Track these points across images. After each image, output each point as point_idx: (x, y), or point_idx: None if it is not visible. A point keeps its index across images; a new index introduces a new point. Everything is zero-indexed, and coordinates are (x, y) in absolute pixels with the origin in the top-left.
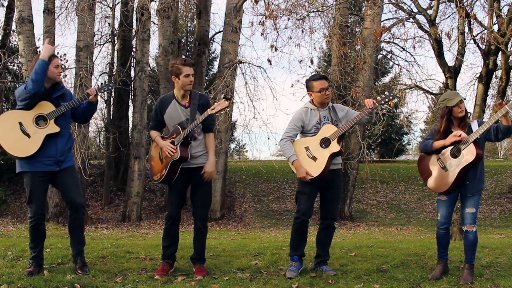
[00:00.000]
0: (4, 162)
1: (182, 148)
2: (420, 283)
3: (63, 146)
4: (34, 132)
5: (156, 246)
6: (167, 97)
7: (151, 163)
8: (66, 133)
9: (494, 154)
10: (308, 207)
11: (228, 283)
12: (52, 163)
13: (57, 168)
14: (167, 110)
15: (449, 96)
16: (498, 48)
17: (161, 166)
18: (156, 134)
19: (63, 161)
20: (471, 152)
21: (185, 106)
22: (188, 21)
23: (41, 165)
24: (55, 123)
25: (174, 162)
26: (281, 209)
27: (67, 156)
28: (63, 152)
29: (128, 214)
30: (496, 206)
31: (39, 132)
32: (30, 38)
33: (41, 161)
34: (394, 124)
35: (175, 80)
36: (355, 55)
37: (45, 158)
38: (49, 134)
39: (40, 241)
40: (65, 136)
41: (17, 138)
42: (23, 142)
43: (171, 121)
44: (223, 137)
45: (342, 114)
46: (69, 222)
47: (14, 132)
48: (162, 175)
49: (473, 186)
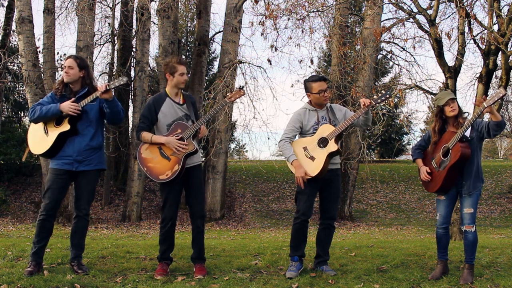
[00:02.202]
0: (4, 162)
1: (194, 140)
2: (420, 283)
3: (82, 146)
4: (51, 131)
5: (156, 246)
6: (160, 95)
7: (147, 166)
8: (87, 133)
9: (494, 154)
10: (308, 207)
11: (228, 283)
12: (69, 162)
13: (73, 168)
14: (162, 108)
15: (440, 96)
16: (498, 48)
17: (170, 164)
18: (150, 135)
19: (81, 161)
20: (457, 151)
21: (179, 103)
22: (188, 21)
23: (60, 162)
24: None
25: (187, 155)
26: (281, 209)
27: (88, 157)
28: (82, 152)
29: (128, 214)
30: (496, 206)
31: (54, 130)
32: (30, 38)
33: (60, 159)
34: (394, 124)
35: (169, 78)
36: (355, 55)
37: (64, 157)
38: (63, 133)
39: (45, 237)
40: (86, 136)
41: (38, 137)
42: (40, 141)
43: (166, 118)
44: (223, 137)
45: (340, 114)
46: (72, 226)
47: (39, 132)
48: (175, 171)
49: (469, 185)
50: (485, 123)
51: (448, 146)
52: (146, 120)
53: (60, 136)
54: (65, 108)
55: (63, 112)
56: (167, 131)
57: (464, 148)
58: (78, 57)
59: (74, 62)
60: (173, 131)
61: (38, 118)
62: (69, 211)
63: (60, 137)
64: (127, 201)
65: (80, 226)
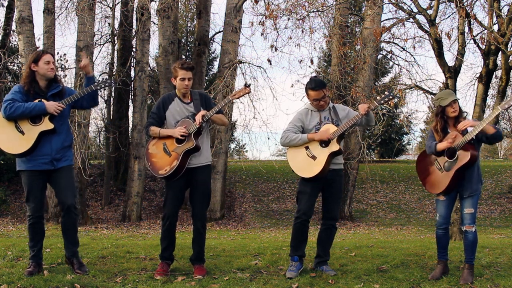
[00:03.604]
0: (4, 162)
1: (195, 138)
2: (420, 283)
3: (59, 144)
4: (28, 130)
5: (156, 246)
6: (170, 95)
7: (151, 161)
8: (62, 130)
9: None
10: (309, 207)
11: (228, 283)
12: (47, 161)
13: (52, 167)
14: (170, 106)
15: (442, 96)
16: (498, 48)
17: (170, 159)
18: (158, 129)
19: (59, 159)
20: (466, 153)
21: (187, 103)
22: (188, 21)
23: (36, 163)
24: (50, 121)
25: (187, 152)
26: (281, 209)
27: (64, 154)
28: (59, 150)
29: (128, 214)
30: (496, 206)
31: (33, 129)
32: (30, 38)
33: (36, 160)
34: (394, 124)
35: (173, 81)
36: (355, 55)
37: (40, 156)
38: (43, 131)
39: (39, 240)
40: (62, 134)
41: (12, 136)
42: (17, 140)
43: (173, 117)
44: (223, 137)
45: (343, 114)
46: (62, 223)
47: (9, 130)
48: (173, 167)
49: (470, 186)
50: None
51: (455, 148)
52: (155, 116)
53: (40, 135)
54: (51, 108)
55: (48, 111)
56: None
57: (473, 150)
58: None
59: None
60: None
61: (19, 115)
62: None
63: (40, 135)
64: (127, 201)
65: (71, 221)
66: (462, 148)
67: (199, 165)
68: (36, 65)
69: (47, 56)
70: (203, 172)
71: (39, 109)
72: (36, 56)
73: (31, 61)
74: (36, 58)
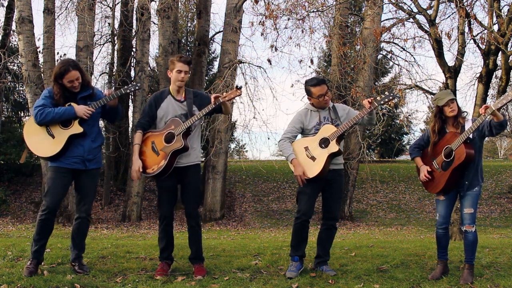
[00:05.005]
0: (4, 162)
1: (184, 138)
2: (420, 283)
3: (90, 145)
4: (58, 133)
5: (156, 246)
6: (163, 92)
7: (141, 158)
8: (93, 132)
9: (494, 154)
10: (309, 207)
11: (228, 283)
12: (79, 161)
13: (83, 167)
14: (162, 104)
15: (440, 96)
16: (498, 48)
17: (158, 158)
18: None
19: (91, 160)
20: (462, 153)
21: (180, 100)
22: (188, 21)
23: (69, 162)
24: (80, 124)
25: (175, 152)
26: (281, 209)
27: (95, 155)
28: (91, 150)
29: (128, 214)
30: (496, 206)
31: (63, 133)
32: (30, 38)
33: (68, 159)
34: (394, 124)
35: (169, 74)
36: (355, 55)
37: (72, 157)
38: (73, 135)
39: (45, 236)
40: (91, 135)
41: (42, 139)
42: (47, 143)
43: (165, 115)
44: (223, 137)
45: (343, 113)
46: (73, 226)
47: (41, 134)
48: (161, 166)
49: (470, 186)
50: (486, 122)
51: (452, 148)
52: (146, 115)
53: (70, 138)
54: (81, 112)
55: (77, 115)
56: None
57: (469, 150)
58: (76, 64)
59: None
60: (167, 127)
61: (50, 121)
62: (69, 211)
63: (70, 139)
64: (127, 201)
65: (83, 227)
66: (458, 148)
67: (188, 164)
68: (61, 80)
69: (70, 75)
70: (192, 172)
71: (69, 113)
72: (59, 73)
73: (55, 76)
74: (59, 75)
